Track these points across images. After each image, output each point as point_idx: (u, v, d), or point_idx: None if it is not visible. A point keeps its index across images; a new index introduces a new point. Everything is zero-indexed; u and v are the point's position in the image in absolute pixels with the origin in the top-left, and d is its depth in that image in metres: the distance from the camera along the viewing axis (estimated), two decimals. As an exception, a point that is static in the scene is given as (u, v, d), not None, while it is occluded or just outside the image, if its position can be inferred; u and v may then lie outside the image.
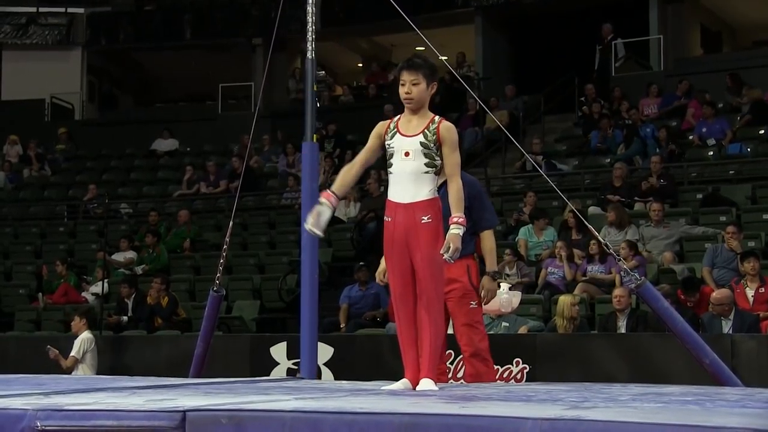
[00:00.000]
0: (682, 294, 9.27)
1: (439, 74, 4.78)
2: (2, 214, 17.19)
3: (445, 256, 4.40)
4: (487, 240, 5.56)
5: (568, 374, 7.68)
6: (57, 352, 10.04)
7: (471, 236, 5.37)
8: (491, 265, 5.56)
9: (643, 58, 17.63)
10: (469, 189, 5.18)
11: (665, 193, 12.27)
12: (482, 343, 5.52)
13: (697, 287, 9.40)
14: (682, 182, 13.11)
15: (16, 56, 21.74)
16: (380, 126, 4.65)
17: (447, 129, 4.53)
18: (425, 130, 4.52)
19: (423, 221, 4.47)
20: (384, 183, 14.14)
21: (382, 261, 5.20)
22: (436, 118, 4.59)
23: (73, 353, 10.04)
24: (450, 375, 7.47)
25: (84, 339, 10.14)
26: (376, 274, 5.55)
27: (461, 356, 5.78)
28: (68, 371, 9.90)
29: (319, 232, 4.54)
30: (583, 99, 16.39)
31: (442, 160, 4.51)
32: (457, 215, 4.47)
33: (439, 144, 4.50)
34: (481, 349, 5.50)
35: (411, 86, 4.54)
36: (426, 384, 4.46)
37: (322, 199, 4.53)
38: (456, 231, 4.41)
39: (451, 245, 4.39)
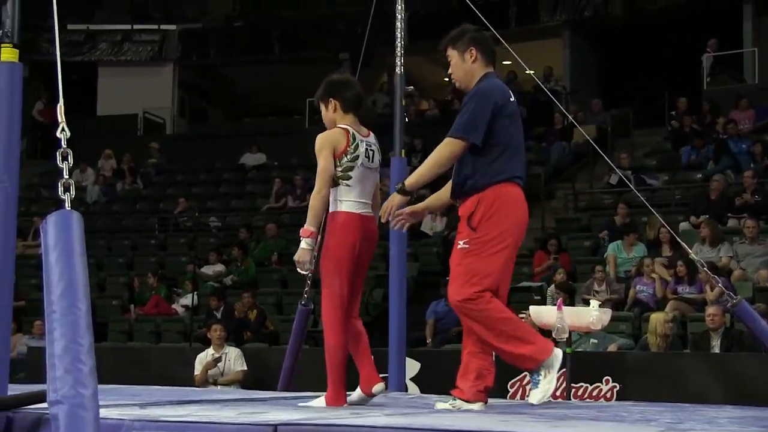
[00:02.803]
0: None
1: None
2: (96, 227, 17.61)
3: None
4: (440, 148, 4.29)
5: (658, 394, 7.52)
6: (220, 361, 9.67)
7: (476, 157, 4.24)
8: (415, 177, 4.34)
9: (736, 70, 17.23)
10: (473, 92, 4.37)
11: (760, 209, 11.95)
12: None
13: None
14: (778, 198, 12.74)
15: (111, 72, 22.38)
16: None
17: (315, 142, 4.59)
18: None
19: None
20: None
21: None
22: None
23: (243, 367, 9.67)
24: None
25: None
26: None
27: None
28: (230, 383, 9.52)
29: None
30: (673, 113, 16.08)
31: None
32: (304, 227, 4.54)
33: None
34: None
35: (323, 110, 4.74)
36: (316, 402, 4.51)
37: None
38: (302, 244, 4.54)
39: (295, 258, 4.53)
